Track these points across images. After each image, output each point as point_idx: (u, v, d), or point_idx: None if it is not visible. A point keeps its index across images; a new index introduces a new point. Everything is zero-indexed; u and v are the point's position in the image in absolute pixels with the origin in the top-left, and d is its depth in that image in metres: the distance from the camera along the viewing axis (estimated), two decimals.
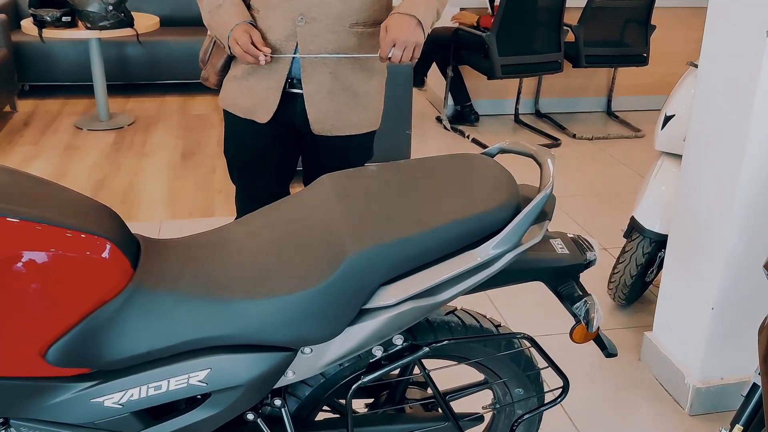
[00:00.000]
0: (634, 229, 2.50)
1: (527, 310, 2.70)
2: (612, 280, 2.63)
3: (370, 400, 1.60)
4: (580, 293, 1.39)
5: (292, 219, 1.30)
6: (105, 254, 1.13)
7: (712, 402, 2.16)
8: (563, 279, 1.40)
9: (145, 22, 4.68)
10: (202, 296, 1.17)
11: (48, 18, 4.29)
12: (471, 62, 4.60)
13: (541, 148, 1.36)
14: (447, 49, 4.69)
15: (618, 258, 2.58)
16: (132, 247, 1.21)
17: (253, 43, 1.72)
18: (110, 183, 3.87)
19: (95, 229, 1.13)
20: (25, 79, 5.26)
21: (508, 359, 1.49)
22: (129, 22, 4.43)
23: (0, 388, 1.11)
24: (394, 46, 1.63)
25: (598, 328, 1.41)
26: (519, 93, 5.05)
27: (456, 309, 1.48)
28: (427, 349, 1.33)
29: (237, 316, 1.17)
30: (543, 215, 1.31)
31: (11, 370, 1.11)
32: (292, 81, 1.84)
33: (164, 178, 3.96)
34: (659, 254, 2.53)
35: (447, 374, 1.71)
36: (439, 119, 5.03)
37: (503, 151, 1.42)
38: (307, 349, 1.23)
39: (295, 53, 1.79)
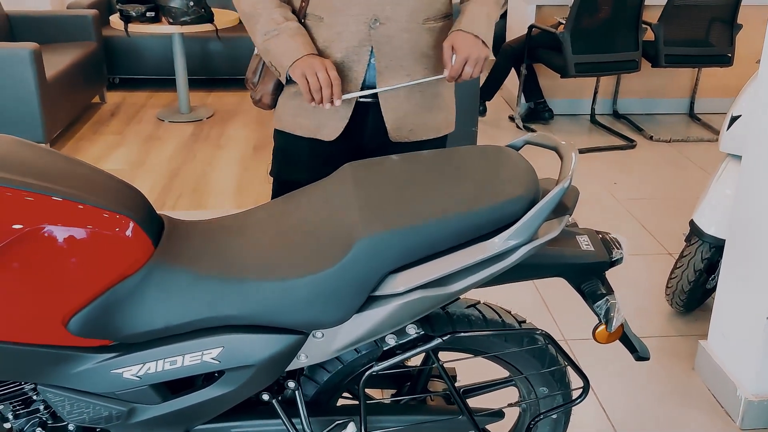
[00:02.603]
0: (693, 233, 2.41)
1: (582, 311, 2.64)
2: (669, 285, 2.54)
3: (393, 390, 1.61)
4: (603, 291, 1.35)
5: (311, 205, 1.32)
6: (127, 232, 1.18)
7: (764, 416, 2.06)
8: (587, 277, 1.37)
9: (226, 17, 4.82)
10: (218, 276, 1.20)
11: (133, 13, 4.49)
12: (545, 60, 4.53)
13: (565, 141, 1.33)
14: (521, 55, 4.64)
15: (676, 263, 2.49)
16: (155, 226, 1.26)
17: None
18: (184, 172, 4.02)
19: (119, 208, 1.19)
20: (115, 72, 5.51)
21: (531, 356, 1.47)
22: (209, 18, 4.58)
23: (27, 354, 1.18)
24: (464, 64, 1.61)
25: (622, 327, 1.37)
26: (596, 92, 4.94)
27: (478, 302, 1.47)
28: (440, 340, 1.33)
29: (249, 297, 1.20)
30: (563, 209, 1.29)
31: (36, 338, 1.18)
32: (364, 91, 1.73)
33: (235, 169, 4.07)
34: (721, 260, 2.43)
35: (475, 370, 1.70)
36: (512, 118, 4.98)
37: (529, 143, 1.40)
38: (318, 333, 1.25)
39: (369, 62, 1.68)
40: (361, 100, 1.73)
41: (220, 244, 1.27)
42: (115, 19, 4.66)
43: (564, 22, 4.29)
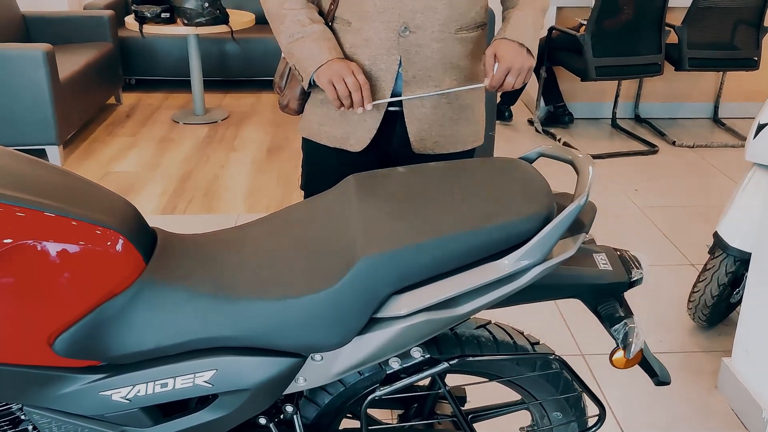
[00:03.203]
0: (717, 245, 2.31)
1: (600, 325, 2.56)
2: (691, 299, 2.44)
3: (401, 411, 1.54)
4: (621, 314, 1.27)
5: (312, 219, 1.25)
6: (116, 247, 1.12)
7: None
8: (604, 298, 1.29)
9: (241, 19, 4.77)
10: (211, 294, 1.14)
11: (148, 14, 4.45)
12: (565, 63, 4.43)
13: (582, 154, 1.25)
14: (541, 52, 4.54)
15: (699, 276, 2.39)
16: (146, 240, 1.19)
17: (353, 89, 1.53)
18: (197, 175, 3.97)
19: (108, 222, 1.12)
20: (131, 74, 5.49)
21: (544, 380, 1.39)
22: (224, 19, 4.53)
23: (9, 375, 1.12)
24: (507, 73, 1.53)
25: (641, 352, 1.29)
26: (617, 96, 4.83)
27: (488, 323, 1.39)
28: (447, 365, 1.25)
29: (244, 317, 1.13)
30: (579, 227, 1.21)
31: (20, 358, 1.12)
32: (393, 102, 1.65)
33: (248, 172, 4.02)
34: (746, 274, 2.33)
35: (487, 391, 1.62)
36: (530, 121, 4.89)
37: (543, 155, 1.33)
38: (317, 356, 1.19)
39: (398, 71, 1.60)
40: (390, 108, 1.66)
41: (215, 260, 1.21)
42: (130, 20, 4.62)
43: (585, 23, 4.19)
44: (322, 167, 1.76)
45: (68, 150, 4.31)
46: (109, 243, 1.11)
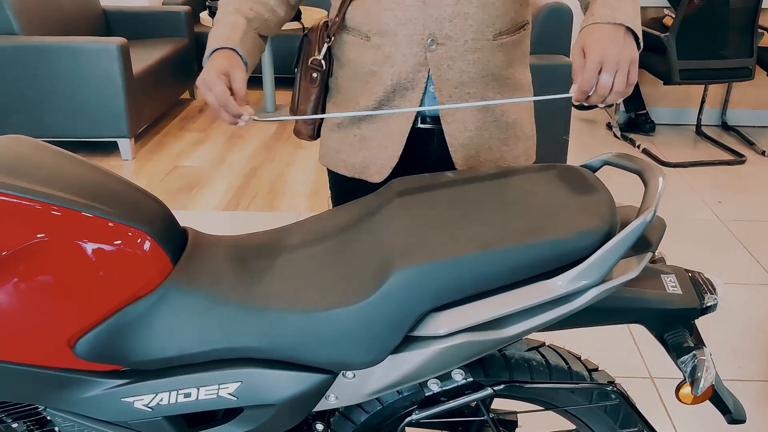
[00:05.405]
0: None
1: None
2: None
3: None
4: (690, 345, 1.13)
5: (350, 225, 1.17)
6: (142, 248, 1.06)
7: None
8: (671, 325, 1.16)
9: (313, 15, 4.74)
10: (237, 302, 1.07)
11: None
12: (647, 65, 4.21)
13: (651, 164, 1.12)
14: None
15: None
16: (175, 241, 1.13)
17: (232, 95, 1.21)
18: (262, 172, 3.95)
19: (135, 221, 1.07)
20: None
21: (601, 412, 1.26)
22: (296, 16, 4.50)
23: (30, 376, 1.08)
24: (599, 71, 1.09)
25: (712, 387, 1.15)
26: (703, 102, 4.57)
27: (542, 345, 1.28)
28: (491, 390, 1.14)
29: (270, 329, 1.06)
30: (645, 245, 1.08)
31: (39, 359, 1.07)
32: (424, 117, 1.42)
33: (313, 170, 3.97)
34: None
35: (538, 416, 1.50)
36: (609, 126, 4.68)
37: (608, 164, 1.20)
38: (349, 374, 1.10)
39: (426, 89, 1.36)
40: (422, 126, 1.43)
41: (245, 266, 1.13)
42: (204, 16, 4.65)
43: (673, 17, 3.96)
44: (347, 198, 1.54)
45: (140, 144, 4.36)
46: (135, 243, 1.05)
